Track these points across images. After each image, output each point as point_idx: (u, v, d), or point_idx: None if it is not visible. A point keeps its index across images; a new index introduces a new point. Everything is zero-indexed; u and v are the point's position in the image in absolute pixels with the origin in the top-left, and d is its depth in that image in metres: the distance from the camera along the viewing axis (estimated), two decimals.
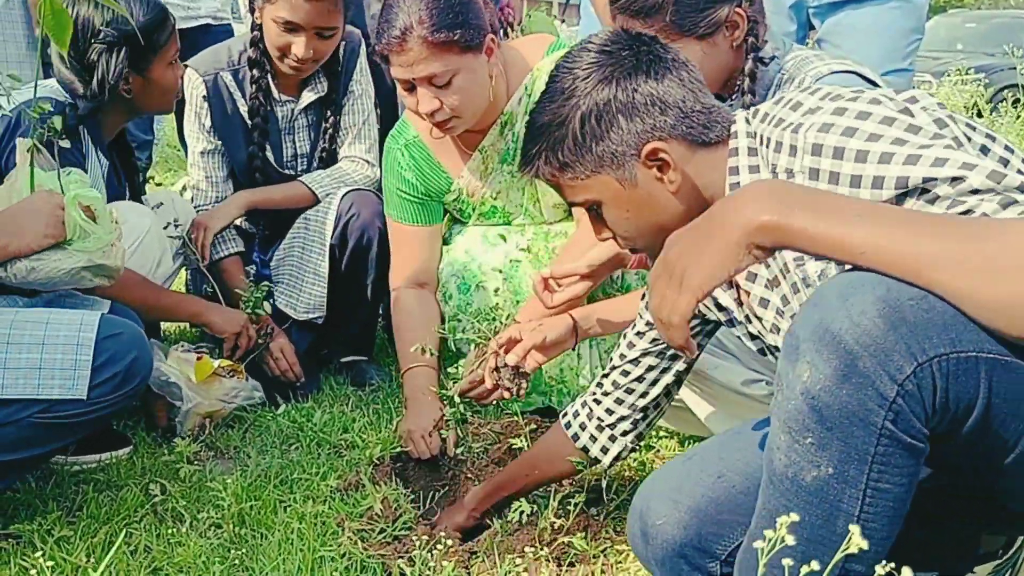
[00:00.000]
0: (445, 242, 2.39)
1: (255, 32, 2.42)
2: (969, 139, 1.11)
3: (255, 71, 2.44)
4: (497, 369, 1.86)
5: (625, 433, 1.63)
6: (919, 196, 1.03)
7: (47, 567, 1.51)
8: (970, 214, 1.00)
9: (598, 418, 1.63)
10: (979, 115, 6.67)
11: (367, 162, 2.58)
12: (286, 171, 2.56)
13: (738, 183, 1.27)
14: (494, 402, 2.07)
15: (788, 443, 1.00)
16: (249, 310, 2.34)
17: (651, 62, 1.30)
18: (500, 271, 2.25)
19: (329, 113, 2.56)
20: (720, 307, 1.45)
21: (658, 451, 2.07)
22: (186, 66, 2.48)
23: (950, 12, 15.71)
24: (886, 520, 0.99)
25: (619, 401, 1.61)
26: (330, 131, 2.57)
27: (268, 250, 2.62)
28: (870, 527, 0.98)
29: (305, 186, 2.49)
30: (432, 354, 2.14)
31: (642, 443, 1.70)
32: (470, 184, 2.29)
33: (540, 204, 2.28)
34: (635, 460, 1.97)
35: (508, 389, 1.86)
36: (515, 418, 2.09)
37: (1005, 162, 1.10)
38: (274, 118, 2.52)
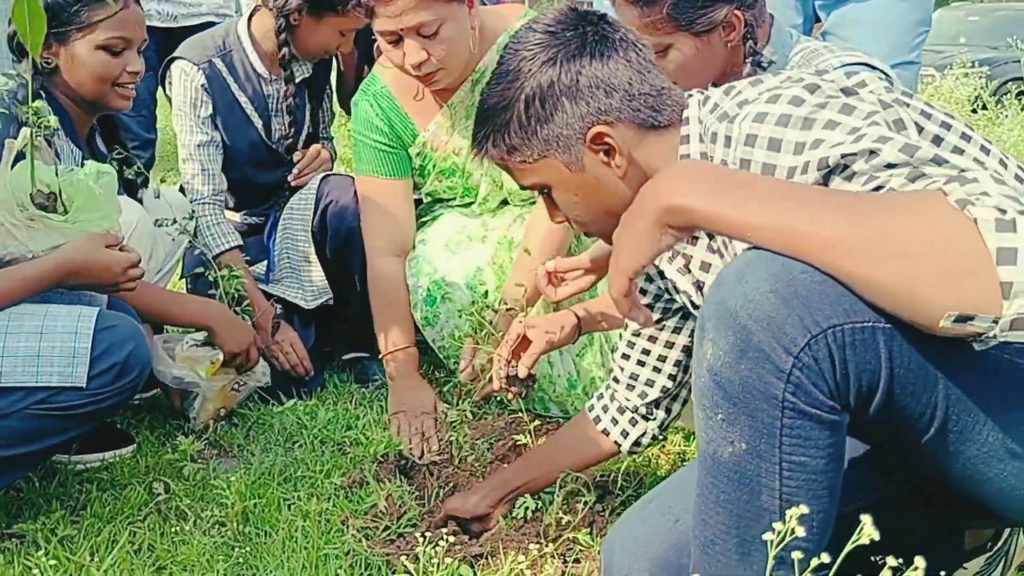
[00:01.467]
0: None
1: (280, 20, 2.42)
2: (921, 128, 1.07)
3: (284, 50, 2.45)
4: (507, 376, 1.87)
5: (645, 417, 1.62)
6: (840, 173, 1.02)
7: (50, 566, 1.51)
8: (880, 190, 0.99)
9: (619, 399, 1.63)
10: (983, 108, 6.63)
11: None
12: (279, 151, 2.59)
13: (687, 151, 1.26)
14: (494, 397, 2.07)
15: (704, 420, 1.03)
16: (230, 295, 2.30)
17: (597, 42, 1.27)
18: (465, 283, 2.26)
19: (311, 96, 2.61)
20: (664, 277, 1.48)
21: (663, 446, 2.06)
22: (173, 59, 2.49)
23: (953, 5, 15.65)
24: (811, 495, 0.99)
25: (634, 376, 1.60)
26: (317, 114, 2.65)
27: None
28: (794, 502, 0.98)
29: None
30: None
31: (664, 433, 1.69)
32: (435, 138, 2.30)
33: (496, 167, 2.28)
34: (641, 456, 1.97)
35: (517, 393, 1.86)
36: (519, 414, 2.08)
37: (960, 151, 1.06)
38: (261, 97, 2.53)
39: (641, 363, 1.60)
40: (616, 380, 1.64)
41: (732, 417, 0.99)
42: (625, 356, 1.62)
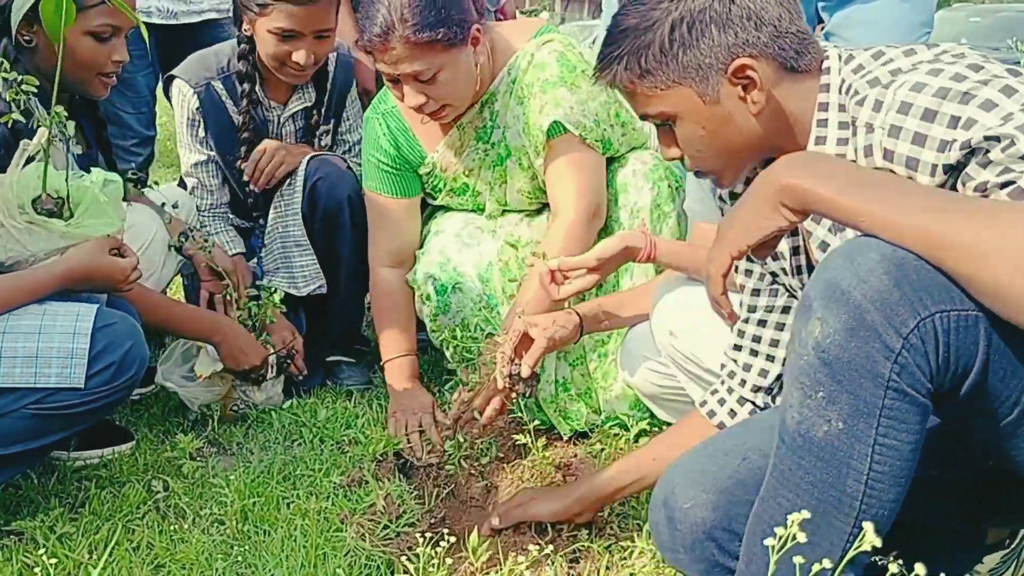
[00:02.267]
0: (421, 244, 2.37)
1: (243, 45, 2.37)
2: None
3: (246, 84, 2.40)
4: (511, 375, 1.86)
5: (765, 407, 1.58)
6: (978, 157, 1.04)
7: (49, 564, 1.50)
8: (1009, 186, 1.01)
9: (736, 391, 1.57)
10: None
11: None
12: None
13: (826, 120, 1.23)
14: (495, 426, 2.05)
15: (800, 399, 1.04)
16: (255, 318, 2.28)
17: None
18: (477, 275, 2.25)
19: (318, 119, 2.53)
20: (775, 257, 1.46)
21: None
22: (172, 76, 2.47)
23: (955, 6, 15.63)
24: (891, 482, 1.02)
25: (747, 367, 1.55)
26: (324, 140, 2.55)
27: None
28: (877, 488, 1.02)
29: None
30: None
31: None
32: (444, 159, 2.29)
33: (506, 186, 2.28)
34: None
35: (521, 392, 1.85)
36: (519, 415, 2.08)
37: None
38: (264, 124, 2.50)
39: (754, 352, 1.55)
40: (731, 374, 1.59)
41: (834, 395, 1.01)
42: (737, 347, 1.57)
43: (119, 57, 1.95)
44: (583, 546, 1.65)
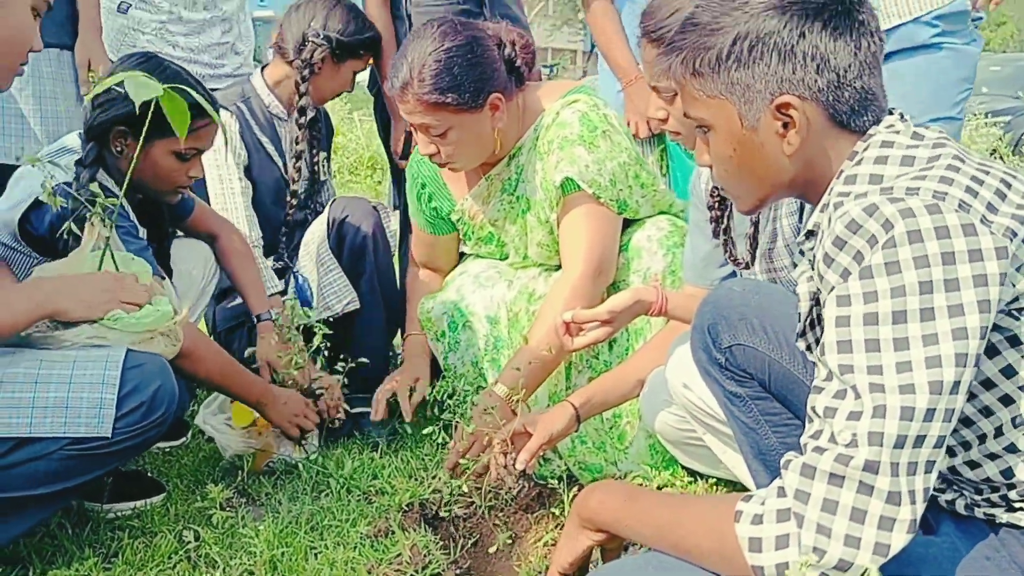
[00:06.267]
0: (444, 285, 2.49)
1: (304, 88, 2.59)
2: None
3: (303, 126, 2.61)
4: (506, 466, 1.89)
5: None
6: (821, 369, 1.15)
7: None
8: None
9: None
10: (1000, 159, 6.65)
11: None
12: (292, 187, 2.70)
13: (848, 194, 1.18)
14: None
15: None
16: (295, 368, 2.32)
17: (837, 15, 1.18)
18: (485, 316, 2.32)
19: (314, 133, 2.73)
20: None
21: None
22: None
23: None
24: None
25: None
26: (318, 164, 2.76)
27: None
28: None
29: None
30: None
31: None
32: (471, 208, 2.38)
33: (526, 239, 2.34)
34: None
35: (511, 487, 1.89)
36: (548, 463, 2.10)
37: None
38: (278, 138, 2.67)
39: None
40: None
41: None
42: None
43: (195, 173, 2.13)
44: None
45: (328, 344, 2.30)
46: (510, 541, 1.96)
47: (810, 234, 1.26)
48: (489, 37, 2.17)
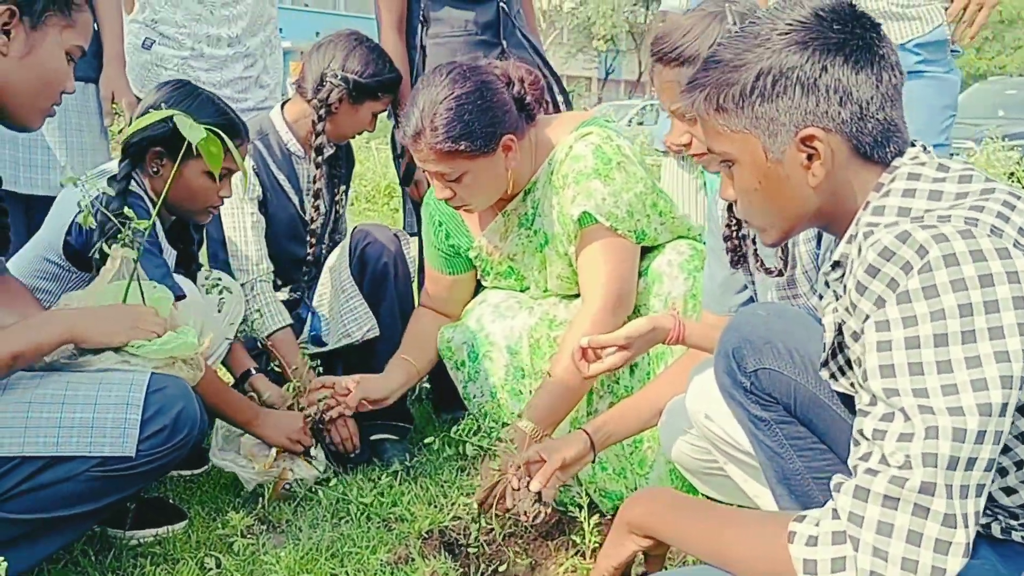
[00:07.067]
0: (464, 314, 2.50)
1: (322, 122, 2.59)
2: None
3: (324, 160, 2.62)
4: (517, 490, 1.88)
5: None
6: (864, 397, 1.17)
7: None
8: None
9: None
10: (1018, 181, 6.63)
11: None
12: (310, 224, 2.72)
13: (877, 224, 1.19)
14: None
15: None
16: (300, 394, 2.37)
17: (858, 49, 1.21)
18: (506, 346, 2.32)
19: (332, 170, 2.74)
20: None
21: None
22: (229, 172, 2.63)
23: (991, 79, 15.71)
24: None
25: None
26: (338, 199, 2.78)
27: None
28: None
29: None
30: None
31: None
32: (489, 243, 2.39)
33: (546, 272, 2.36)
34: None
35: (526, 513, 1.87)
36: (568, 490, 2.10)
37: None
38: (296, 175, 2.68)
39: None
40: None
41: None
42: None
43: (226, 193, 2.21)
44: None
45: (321, 369, 2.41)
46: (530, 568, 1.96)
47: (836, 265, 1.27)
48: (497, 78, 2.19)
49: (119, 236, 1.81)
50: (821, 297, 1.40)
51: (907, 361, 1.08)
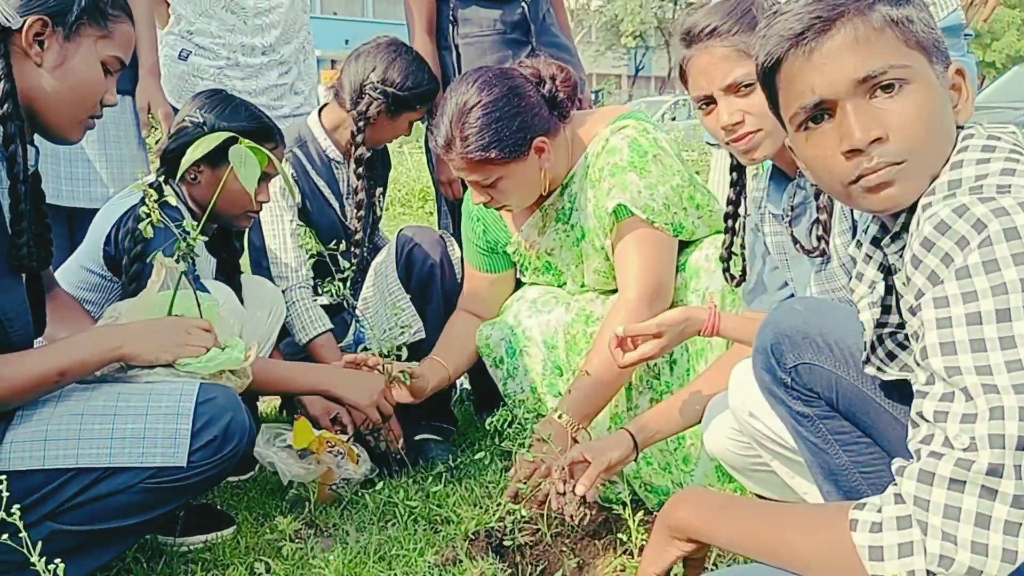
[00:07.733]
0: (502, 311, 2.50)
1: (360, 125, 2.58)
2: None
3: (361, 165, 2.61)
4: (563, 493, 1.87)
5: None
6: (923, 382, 1.13)
7: None
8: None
9: None
10: None
11: None
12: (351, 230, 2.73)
13: (959, 180, 1.16)
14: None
15: None
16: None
17: None
18: (543, 340, 2.32)
19: (370, 173, 2.71)
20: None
21: None
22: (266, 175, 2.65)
23: None
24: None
25: None
26: (374, 190, 2.76)
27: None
28: None
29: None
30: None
31: None
32: (528, 239, 2.39)
33: (583, 267, 2.35)
34: None
35: (572, 516, 1.86)
36: (612, 486, 2.09)
37: None
38: (335, 181, 2.69)
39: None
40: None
41: None
42: None
43: (263, 199, 2.24)
44: None
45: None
46: (577, 568, 1.95)
47: (896, 236, 1.25)
48: (527, 79, 2.18)
49: (176, 247, 1.81)
50: (850, 279, 1.38)
51: (969, 338, 1.06)
